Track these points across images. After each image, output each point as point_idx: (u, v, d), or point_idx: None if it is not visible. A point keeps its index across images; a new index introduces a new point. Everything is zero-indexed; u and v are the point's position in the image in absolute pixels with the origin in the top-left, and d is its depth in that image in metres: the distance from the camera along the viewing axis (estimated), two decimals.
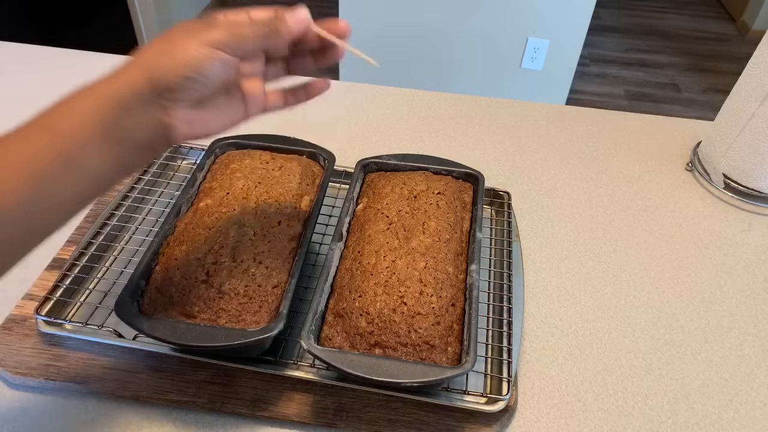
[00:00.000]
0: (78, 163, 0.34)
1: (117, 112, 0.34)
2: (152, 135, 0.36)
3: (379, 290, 0.51)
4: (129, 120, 0.35)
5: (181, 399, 0.51)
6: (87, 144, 0.34)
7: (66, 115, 0.34)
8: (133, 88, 0.35)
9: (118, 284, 0.58)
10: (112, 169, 0.36)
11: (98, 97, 0.35)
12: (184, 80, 0.35)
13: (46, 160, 0.33)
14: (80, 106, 0.35)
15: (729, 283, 0.67)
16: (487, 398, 0.51)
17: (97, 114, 0.34)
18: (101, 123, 0.34)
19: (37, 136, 0.34)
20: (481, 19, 2.07)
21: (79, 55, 1.00)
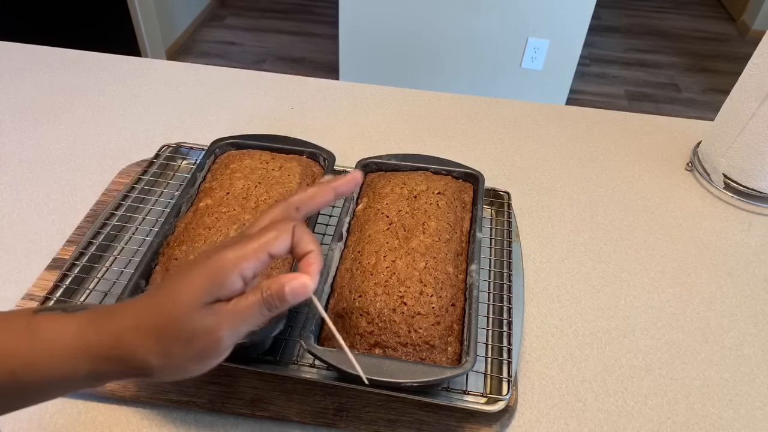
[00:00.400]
0: (48, 393, 0.33)
1: (88, 383, 0.33)
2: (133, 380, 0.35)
3: (379, 290, 0.51)
4: (95, 384, 0.34)
5: (181, 399, 0.51)
6: (43, 388, 0.33)
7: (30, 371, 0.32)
8: (113, 376, 0.33)
9: (118, 284, 0.58)
10: (58, 395, 0.35)
11: (73, 368, 0.32)
12: (165, 378, 0.33)
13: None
14: (68, 345, 0.32)
15: (729, 283, 0.67)
16: (487, 398, 0.51)
17: (65, 381, 0.32)
18: (66, 386, 0.33)
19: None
20: (481, 19, 2.07)
21: (79, 55, 1.00)
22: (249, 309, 0.32)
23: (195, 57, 2.82)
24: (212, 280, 0.32)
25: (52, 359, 0.31)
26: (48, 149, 0.79)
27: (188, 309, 0.31)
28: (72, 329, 0.32)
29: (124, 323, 0.32)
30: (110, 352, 0.32)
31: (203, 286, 0.32)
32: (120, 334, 0.32)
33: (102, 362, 0.32)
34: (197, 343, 0.32)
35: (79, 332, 0.32)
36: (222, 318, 0.32)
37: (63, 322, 0.32)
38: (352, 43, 2.20)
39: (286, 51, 2.87)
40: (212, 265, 0.32)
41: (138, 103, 0.90)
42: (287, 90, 0.95)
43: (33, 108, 0.87)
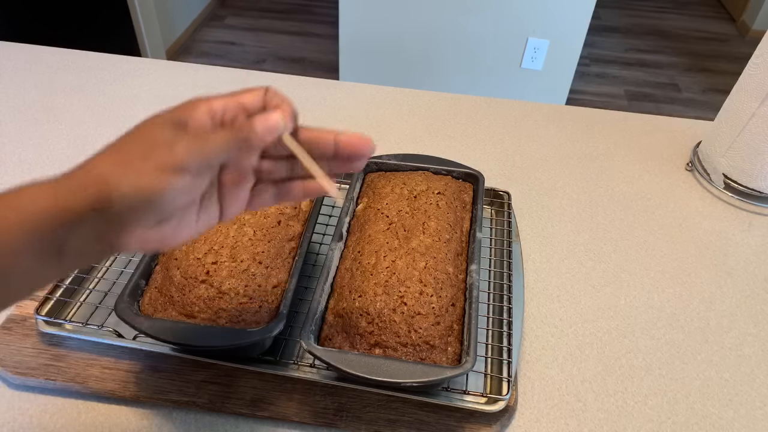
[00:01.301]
0: (11, 274, 0.31)
1: (57, 230, 0.30)
2: (99, 250, 0.32)
3: (379, 290, 0.51)
4: (71, 238, 0.31)
5: (181, 399, 0.51)
6: (20, 258, 0.30)
7: (2, 226, 0.29)
8: (77, 213, 0.30)
9: (118, 284, 0.58)
10: (50, 273, 0.32)
11: (38, 211, 0.30)
12: (137, 208, 0.31)
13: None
14: (14, 217, 0.29)
15: (729, 283, 0.67)
16: (487, 398, 0.51)
17: (34, 232, 0.30)
18: (39, 241, 0.30)
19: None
20: (481, 19, 2.07)
21: (79, 55, 1.00)
22: (216, 135, 0.32)
23: (195, 57, 2.82)
24: (181, 107, 0.32)
25: (13, 197, 0.30)
26: (48, 149, 0.79)
27: (151, 122, 0.32)
28: (37, 183, 0.31)
29: (91, 159, 0.31)
30: (72, 178, 0.30)
31: (170, 110, 0.32)
32: (79, 168, 0.31)
33: (61, 190, 0.30)
34: (156, 152, 0.30)
35: (44, 183, 0.31)
36: (185, 134, 0.31)
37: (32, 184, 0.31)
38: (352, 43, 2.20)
39: (286, 51, 2.87)
40: (178, 105, 0.32)
41: (138, 103, 0.90)
42: (287, 90, 0.94)
43: (33, 108, 0.87)
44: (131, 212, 0.31)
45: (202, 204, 0.35)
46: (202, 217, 0.35)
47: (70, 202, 0.30)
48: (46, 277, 0.33)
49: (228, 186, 0.35)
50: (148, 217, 0.32)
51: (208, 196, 0.35)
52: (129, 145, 0.31)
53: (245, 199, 0.37)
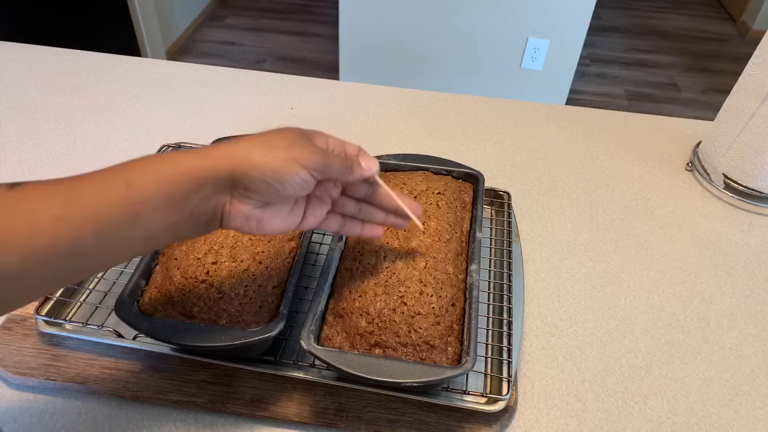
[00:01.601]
0: (141, 222, 0.35)
1: (191, 188, 0.36)
2: (211, 216, 0.39)
3: (379, 290, 0.51)
4: (198, 198, 0.37)
5: (181, 399, 0.51)
6: (155, 207, 0.35)
7: (144, 175, 0.35)
8: (214, 173, 0.37)
9: (118, 284, 0.58)
10: (167, 233, 0.37)
11: (179, 169, 0.36)
12: (263, 184, 0.38)
13: (115, 211, 0.34)
14: (159, 171, 0.36)
15: (729, 283, 0.67)
16: (487, 398, 0.51)
17: (173, 184, 0.36)
18: (172, 193, 0.36)
19: (113, 187, 0.35)
20: (481, 19, 2.07)
21: (79, 55, 1.00)
22: (334, 155, 0.41)
23: (195, 57, 2.82)
24: (308, 131, 0.41)
25: (156, 160, 0.36)
26: (48, 149, 0.79)
27: (290, 128, 0.40)
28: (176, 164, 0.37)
29: (229, 142, 0.39)
30: (214, 150, 0.37)
31: (301, 129, 0.41)
32: (225, 144, 0.38)
33: (204, 160, 0.37)
34: (296, 148, 0.39)
35: (184, 155, 0.37)
36: (314, 145, 0.40)
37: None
38: (352, 43, 2.20)
39: (286, 51, 2.87)
40: (324, 152, 0.41)
41: (138, 103, 0.90)
42: (287, 90, 0.95)
43: (33, 108, 0.87)
44: (254, 187, 0.38)
45: (294, 205, 0.43)
46: (291, 216, 0.43)
47: (216, 164, 0.37)
48: (161, 241, 0.38)
49: (314, 201, 0.44)
50: (262, 197, 0.39)
51: (299, 202, 0.43)
52: (272, 137, 0.39)
53: (321, 217, 0.45)
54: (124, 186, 0.35)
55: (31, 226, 0.32)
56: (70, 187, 0.34)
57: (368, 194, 0.47)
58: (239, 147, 0.38)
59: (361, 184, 0.46)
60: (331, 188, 0.45)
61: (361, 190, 0.47)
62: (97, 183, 0.35)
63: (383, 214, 0.49)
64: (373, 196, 0.47)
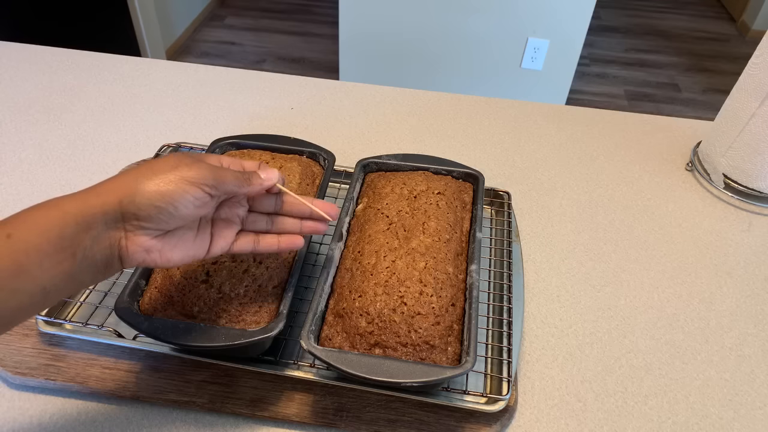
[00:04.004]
0: (29, 274, 0.33)
1: (79, 228, 0.35)
2: (108, 256, 0.37)
3: (379, 290, 0.51)
4: (89, 239, 0.35)
5: (181, 399, 0.51)
6: (41, 255, 0.33)
7: (27, 224, 0.34)
8: (102, 209, 0.35)
9: (118, 284, 0.58)
10: (63, 283, 0.35)
11: (64, 212, 0.34)
12: (154, 209, 0.36)
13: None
14: (43, 218, 0.34)
15: (729, 283, 0.67)
16: (487, 398, 0.51)
17: (60, 228, 0.34)
18: (61, 237, 0.34)
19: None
20: (481, 18, 2.07)
21: (79, 55, 1.00)
22: (229, 170, 0.41)
23: (195, 57, 2.82)
24: (197, 154, 0.40)
25: (39, 211, 0.35)
26: (48, 149, 0.79)
27: (175, 154, 0.40)
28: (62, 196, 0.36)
29: (114, 176, 0.38)
30: (100, 186, 0.36)
31: (206, 174, 0.39)
32: (107, 180, 0.37)
33: (89, 195, 0.36)
34: (182, 167, 0.38)
35: (69, 196, 0.36)
36: (207, 161, 0.40)
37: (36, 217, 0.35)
38: (352, 43, 2.20)
39: (286, 51, 2.87)
40: (214, 169, 0.40)
41: (138, 103, 0.90)
42: (287, 90, 0.95)
43: (33, 108, 0.87)
44: (145, 214, 0.36)
45: (198, 230, 0.42)
46: (197, 243, 0.42)
47: (102, 199, 0.35)
48: (56, 291, 0.35)
49: (220, 224, 0.43)
50: (156, 224, 0.37)
51: (204, 227, 0.42)
52: (156, 163, 0.38)
53: (231, 239, 0.44)
54: (4, 238, 0.33)
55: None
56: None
57: (277, 206, 0.46)
58: (124, 178, 0.37)
59: (268, 197, 0.45)
60: (237, 207, 0.44)
61: (269, 204, 0.45)
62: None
63: (298, 222, 0.47)
64: (283, 206, 0.46)
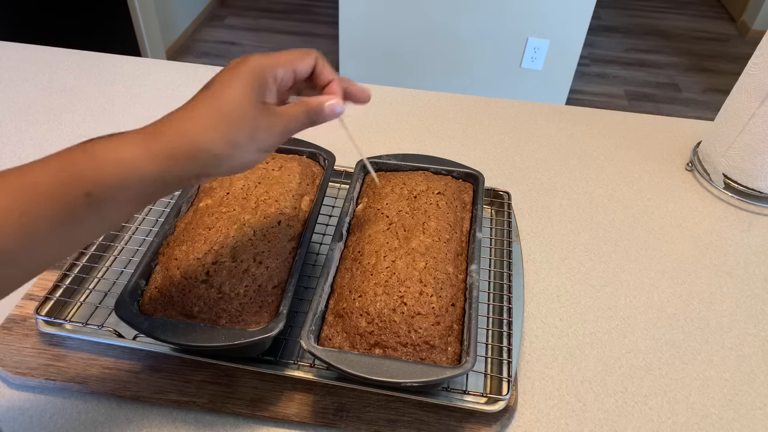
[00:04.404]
0: (104, 209, 0.35)
1: (156, 190, 0.36)
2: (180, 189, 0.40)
3: (379, 290, 0.51)
4: (164, 191, 0.37)
5: (181, 399, 0.51)
6: (118, 202, 0.35)
7: (104, 172, 0.34)
8: (181, 177, 0.36)
9: (118, 284, 0.58)
10: (134, 211, 0.37)
11: (142, 176, 0.35)
12: (227, 173, 0.38)
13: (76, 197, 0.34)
14: (122, 176, 0.34)
15: (729, 283, 0.67)
16: (487, 398, 0.51)
17: (136, 191, 0.35)
18: (138, 196, 0.36)
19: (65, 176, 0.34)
20: (481, 18, 2.07)
21: (79, 55, 1.00)
22: (297, 115, 0.40)
23: (195, 57, 2.82)
24: (257, 80, 0.37)
25: (120, 173, 0.34)
26: (48, 149, 0.79)
27: (248, 105, 0.37)
28: (130, 143, 0.35)
29: (189, 125, 0.36)
30: (178, 151, 0.35)
31: (252, 84, 0.37)
32: (187, 133, 0.35)
33: (170, 163, 0.35)
34: (259, 136, 0.37)
35: (141, 144, 0.35)
36: (278, 117, 0.39)
37: (118, 141, 0.35)
38: (352, 43, 2.20)
39: None
40: (252, 66, 0.38)
41: (138, 103, 0.90)
42: None
43: (33, 108, 0.87)
44: (217, 177, 0.41)
45: None
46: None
47: (176, 172, 0.35)
48: (127, 217, 0.37)
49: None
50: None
51: None
52: (235, 127, 0.36)
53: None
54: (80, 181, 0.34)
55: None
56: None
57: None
58: (200, 146, 0.35)
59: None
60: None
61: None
62: (49, 168, 0.34)
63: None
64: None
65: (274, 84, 0.39)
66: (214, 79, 0.38)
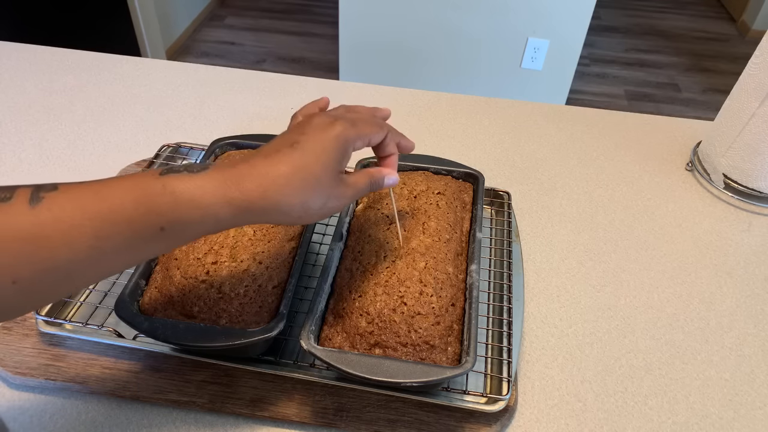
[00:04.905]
0: (173, 240, 0.36)
1: (225, 228, 0.38)
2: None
3: (379, 290, 0.51)
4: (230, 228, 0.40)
5: (181, 399, 0.51)
6: (188, 236, 0.37)
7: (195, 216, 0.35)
8: (251, 222, 0.38)
9: (118, 284, 0.58)
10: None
11: (216, 219, 0.36)
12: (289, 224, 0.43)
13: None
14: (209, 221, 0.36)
15: (729, 283, 0.67)
16: (487, 398, 0.51)
17: (207, 229, 0.37)
18: (207, 232, 0.37)
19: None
20: (481, 18, 2.07)
21: (79, 55, 1.00)
22: (363, 185, 0.44)
23: (195, 57, 2.82)
24: (341, 152, 0.40)
25: (197, 215, 0.35)
26: (48, 149, 0.79)
27: (330, 177, 0.39)
28: (210, 187, 0.35)
29: (271, 183, 0.36)
30: (255, 205, 0.36)
31: (337, 157, 0.40)
32: (267, 191, 0.36)
33: (245, 213, 0.36)
34: (331, 204, 0.40)
35: (220, 190, 0.35)
36: (349, 188, 0.42)
37: (197, 183, 0.35)
38: (352, 43, 2.20)
39: (286, 51, 2.87)
40: (339, 139, 0.40)
41: (138, 103, 0.90)
42: (287, 90, 0.95)
43: (33, 108, 0.87)
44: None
45: None
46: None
47: (248, 219, 0.37)
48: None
49: None
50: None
51: None
52: (314, 195, 0.38)
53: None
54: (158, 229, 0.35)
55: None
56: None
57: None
58: (276, 205, 0.37)
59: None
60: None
61: None
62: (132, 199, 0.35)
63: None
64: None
65: (352, 153, 0.42)
66: (300, 138, 0.39)
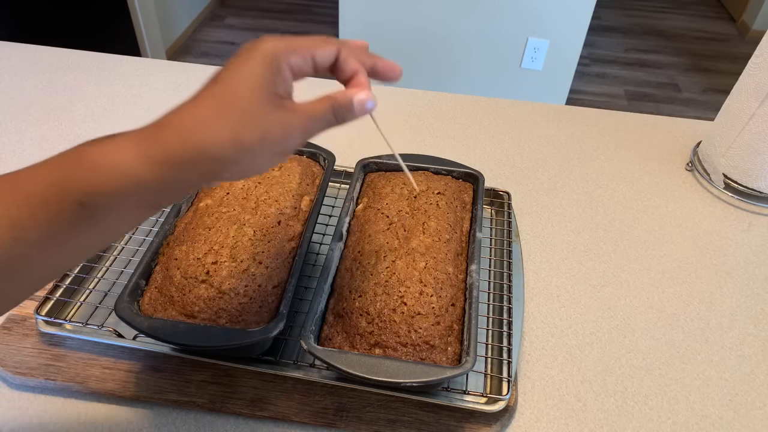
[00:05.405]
0: (100, 218, 0.31)
1: (157, 198, 0.32)
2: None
3: (379, 290, 0.51)
4: (168, 198, 0.33)
5: (181, 399, 0.51)
6: (115, 211, 0.31)
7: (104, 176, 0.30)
8: (183, 183, 0.32)
9: (118, 284, 0.58)
10: (138, 218, 0.33)
11: (138, 184, 0.30)
12: (236, 178, 0.33)
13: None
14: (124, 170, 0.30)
15: (729, 283, 0.67)
16: (487, 398, 0.51)
17: (133, 199, 0.31)
18: (137, 204, 0.32)
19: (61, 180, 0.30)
20: (481, 19, 2.07)
21: (79, 55, 1.00)
22: (320, 112, 0.34)
23: (195, 57, 2.82)
24: (270, 68, 0.31)
25: (114, 181, 0.30)
26: (48, 149, 0.79)
27: (258, 98, 0.31)
28: (128, 148, 0.30)
29: (190, 124, 0.30)
30: (177, 156, 0.30)
31: (266, 75, 0.31)
32: (187, 134, 0.30)
33: (170, 170, 0.30)
34: (272, 136, 0.31)
35: (136, 148, 0.30)
36: (295, 114, 0.32)
37: (114, 144, 0.31)
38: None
39: None
40: (265, 51, 0.31)
41: (138, 103, 0.90)
42: None
43: (33, 108, 0.87)
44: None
45: None
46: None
47: (176, 178, 0.30)
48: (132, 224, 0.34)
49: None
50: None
51: None
52: (243, 125, 0.31)
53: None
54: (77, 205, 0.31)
55: None
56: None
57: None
58: (207, 150, 0.30)
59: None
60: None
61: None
62: (46, 171, 0.31)
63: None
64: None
65: (289, 73, 0.32)
66: (222, 68, 0.32)
